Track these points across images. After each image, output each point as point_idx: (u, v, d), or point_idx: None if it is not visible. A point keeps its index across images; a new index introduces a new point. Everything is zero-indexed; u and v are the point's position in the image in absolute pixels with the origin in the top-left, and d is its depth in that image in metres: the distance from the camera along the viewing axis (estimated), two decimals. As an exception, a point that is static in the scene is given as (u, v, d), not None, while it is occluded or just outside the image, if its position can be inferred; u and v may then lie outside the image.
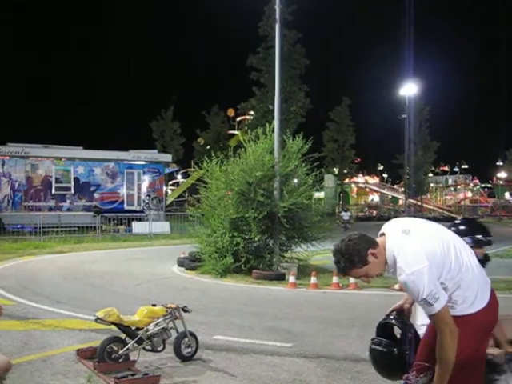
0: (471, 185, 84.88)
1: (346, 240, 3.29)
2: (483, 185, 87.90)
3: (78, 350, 6.30)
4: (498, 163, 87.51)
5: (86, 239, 25.83)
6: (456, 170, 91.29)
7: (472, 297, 3.14)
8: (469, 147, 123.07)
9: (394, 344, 3.60)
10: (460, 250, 3.22)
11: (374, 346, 3.73)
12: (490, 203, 77.76)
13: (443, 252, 3.15)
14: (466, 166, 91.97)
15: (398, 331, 3.73)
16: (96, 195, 31.54)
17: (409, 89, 44.52)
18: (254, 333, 7.90)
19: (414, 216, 39.80)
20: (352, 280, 12.35)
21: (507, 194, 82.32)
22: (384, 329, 3.77)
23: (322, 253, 16.37)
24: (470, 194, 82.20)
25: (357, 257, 3.22)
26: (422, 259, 3.07)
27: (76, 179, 31.03)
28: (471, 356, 3.17)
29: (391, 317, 3.74)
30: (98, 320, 5.96)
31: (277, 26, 16.56)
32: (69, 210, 30.59)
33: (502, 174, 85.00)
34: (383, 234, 3.33)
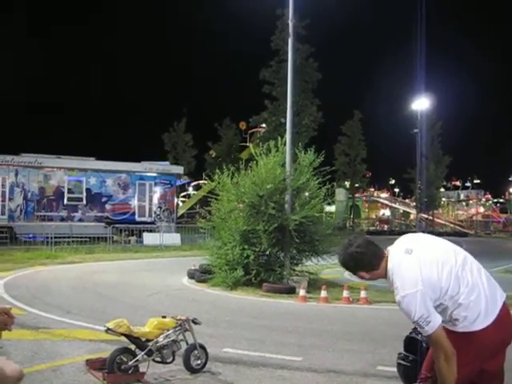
0: (483, 200, 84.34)
1: (356, 246, 3.46)
2: (495, 200, 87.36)
3: (88, 361, 6.30)
4: (510, 178, 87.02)
5: (97, 250, 25.90)
6: (468, 184, 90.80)
7: (474, 315, 3.13)
8: (481, 162, 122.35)
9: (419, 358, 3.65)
10: (462, 270, 3.22)
11: (399, 361, 3.82)
12: (503, 218, 77.30)
13: (441, 276, 3.19)
14: (478, 181, 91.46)
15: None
16: (108, 206, 31.68)
17: (421, 103, 44.55)
18: (264, 346, 7.89)
19: (425, 231, 39.67)
20: (363, 295, 12.32)
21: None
22: (410, 343, 3.83)
23: (332, 267, 16.31)
24: (482, 209, 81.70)
25: (364, 262, 3.46)
26: (417, 283, 3.14)
27: (88, 190, 31.19)
28: (472, 374, 3.17)
29: (417, 331, 3.78)
30: (108, 331, 5.97)
31: (290, 40, 16.64)
32: (80, 220, 30.74)
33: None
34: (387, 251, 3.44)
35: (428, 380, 3.33)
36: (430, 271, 3.18)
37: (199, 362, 6.45)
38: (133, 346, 6.14)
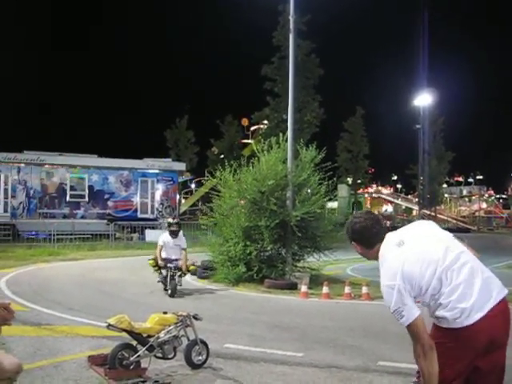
0: (486, 196, 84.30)
1: (353, 224, 3.59)
2: (498, 196, 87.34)
3: (90, 357, 6.31)
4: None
5: (100, 247, 25.96)
6: (471, 180, 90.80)
7: (455, 315, 3.11)
8: (484, 158, 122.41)
9: None
10: (448, 270, 3.20)
11: None
12: (505, 214, 77.22)
13: (423, 274, 3.20)
14: (481, 177, 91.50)
15: None
16: (110, 203, 31.71)
17: (423, 99, 44.46)
18: (265, 342, 7.90)
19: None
20: (364, 290, 12.33)
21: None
22: None
23: (334, 263, 16.35)
24: (484, 205, 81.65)
25: (349, 238, 3.65)
26: (396, 277, 3.18)
27: (90, 187, 31.23)
28: (466, 370, 3.17)
29: None
30: (109, 327, 5.98)
31: (291, 36, 16.63)
32: (83, 217, 30.77)
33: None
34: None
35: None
36: (413, 268, 3.20)
37: (200, 357, 6.47)
38: (134, 342, 6.15)
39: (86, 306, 10.71)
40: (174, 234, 12.57)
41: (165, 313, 6.45)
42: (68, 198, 30.56)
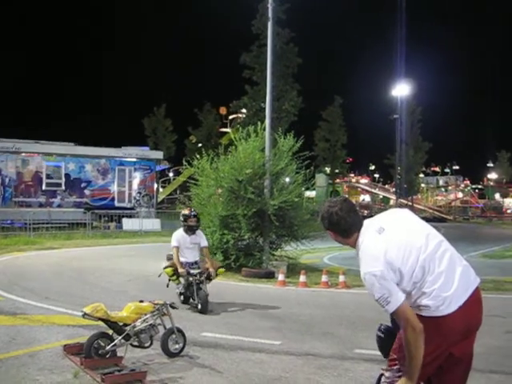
0: (462, 186, 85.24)
1: (329, 213, 3.46)
2: (474, 186, 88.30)
3: (65, 346, 6.28)
4: (488, 164, 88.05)
5: (77, 236, 25.78)
6: (447, 170, 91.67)
7: (438, 303, 3.12)
8: (460, 148, 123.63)
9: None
10: (431, 258, 3.20)
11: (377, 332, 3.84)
12: (481, 204, 78.15)
13: (405, 261, 3.17)
14: (457, 167, 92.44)
15: None
16: (87, 192, 31.44)
17: (401, 89, 44.64)
18: (242, 330, 7.91)
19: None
20: (341, 279, 12.41)
21: (497, 196, 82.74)
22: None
23: (311, 251, 16.41)
24: (460, 195, 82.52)
25: (323, 226, 3.53)
26: (379, 263, 3.14)
27: (67, 175, 30.91)
28: (441, 357, 3.20)
29: None
30: (85, 316, 5.94)
31: (269, 24, 16.55)
32: (59, 206, 30.47)
33: (493, 176, 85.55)
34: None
35: (393, 362, 3.35)
36: (396, 255, 3.16)
37: (177, 346, 6.47)
38: (110, 331, 6.12)
39: (62, 294, 10.63)
40: (191, 231, 9.82)
41: (141, 301, 6.42)
42: (44, 187, 30.22)
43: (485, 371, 5.69)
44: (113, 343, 5.96)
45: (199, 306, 9.10)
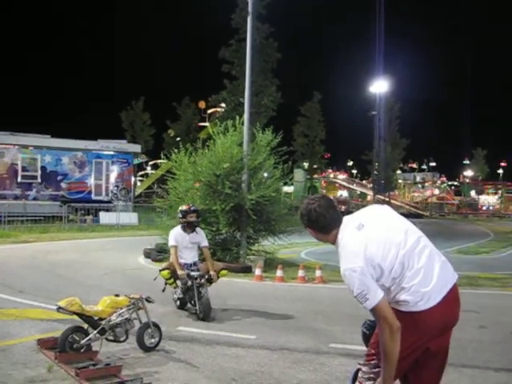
0: (438, 182, 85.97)
1: (308, 211, 3.48)
2: (450, 183, 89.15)
3: (39, 340, 6.23)
4: (464, 162, 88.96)
5: (52, 229, 25.56)
6: (424, 167, 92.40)
7: (417, 299, 3.15)
8: (437, 145, 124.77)
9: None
10: (410, 254, 3.23)
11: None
12: (457, 201, 78.96)
13: (385, 257, 3.19)
14: (434, 164, 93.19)
15: None
16: (63, 185, 31.13)
17: (379, 86, 44.90)
18: (218, 324, 7.92)
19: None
20: (318, 274, 12.46)
21: (473, 193, 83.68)
22: None
23: (289, 246, 16.45)
24: (437, 192, 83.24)
25: (302, 222, 3.55)
26: (358, 259, 3.15)
27: (43, 168, 30.57)
28: (417, 352, 3.23)
29: None
30: (59, 309, 5.89)
31: (249, 19, 16.50)
32: (35, 199, 30.12)
33: (469, 173, 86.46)
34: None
35: (371, 357, 3.38)
36: (375, 251, 3.18)
37: (153, 340, 6.45)
38: (85, 325, 6.08)
39: (36, 288, 10.54)
40: (190, 228, 8.90)
41: (117, 295, 6.39)
42: (19, 179, 29.83)
43: (457, 365, 5.75)
44: (88, 337, 5.93)
45: (201, 313, 8.16)
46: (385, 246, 3.21)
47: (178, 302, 8.89)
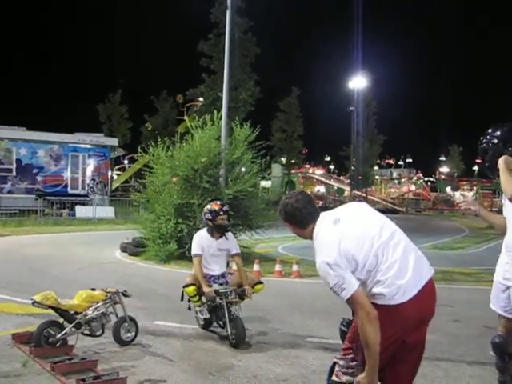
0: (415, 178, 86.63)
1: (285, 205, 3.58)
2: (426, 179, 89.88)
3: (14, 335, 6.18)
4: (440, 158, 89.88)
5: (28, 223, 25.29)
6: (401, 163, 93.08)
7: (392, 292, 3.18)
8: (413, 142, 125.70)
9: None
10: (385, 247, 3.27)
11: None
12: (432, 197, 79.66)
13: (359, 250, 3.23)
14: (411, 160, 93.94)
15: None
16: (39, 178, 30.79)
17: (358, 82, 45.10)
18: (195, 319, 7.89)
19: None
20: (295, 268, 12.50)
21: (448, 189, 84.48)
22: None
23: (266, 241, 16.47)
24: (413, 188, 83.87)
25: (282, 218, 3.61)
26: (333, 252, 3.20)
27: (18, 161, 30.18)
28: (395, 345, 3.26)
29: None
30: (34, 304, 5.84)
31: (228, 13, 16.49)
32: (10, 192, 29.73)
33: (445, 169, 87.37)
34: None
35: (348, 351, 3.40)
36: (350, 244, 3.23)
37: (129, 334, 6.42)
38: (61, 319, 6.04)
39: (11, 282, 10.44)
40: (219, 233, 7.41)
41: (93, 289, 6.35)
42: (-6, 172, 29.51)
43: (432, 359, 5.82)
44: (63, 332, 5.89)
45: (233, 339, 6.56)
46: (359, 239, 3.26)
47: (203, 322, 7.22)
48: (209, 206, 7.55)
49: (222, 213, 7.33)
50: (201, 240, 7.30)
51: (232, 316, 6.70)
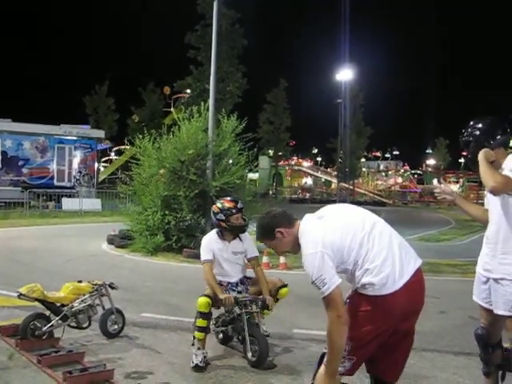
0: (402, 171, 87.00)
1: (266, 213, 3.68)
2: (413, 171, 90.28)
3: (0, 327, 6.14)
4: (427, 151, 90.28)
5: (13, 215, 25.14)
6: (388, 155, 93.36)
7: (382, 281, 3.19)
8: (400, 134, 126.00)
9: None
10: (369, 236, 3.30)
11: None
12: (419, 189, 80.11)
13: (344, 241, 3.27)
14: (397, 153, 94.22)
15: None
16: (25, 170, 30.64)
17: (345, 74, 45.11)
18: (183, 311, 7.89)
19: (346, 200, 40.64)
20: (282, 260, 12.52)
21: (435, 181, 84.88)
22: None
23: (253, 233, 16.45)
24: (400, 180, 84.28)
25: (266, 231, 3.58)
26: (318, 245, 3.22)
27: (4, 153, 30.02)
28: (383, 336, 3.28)
29: None
30: (20, 296, 5.81)
31: (215, 4, 16.42)
32: (-5, 184, 29.60)
33: (431, 162, 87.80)
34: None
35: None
36: (334, 236, 3.26)
37: (116, 326, 6.41)
38: (47, 312, 6.01)
39: (-3, 275, 10.37)
40: (233, 234, 6.38)
41: (79, 281, 6.33)
42: (-21, 164, 29.29)
43: (418, 349, 5.85)
44: (50, 324, 5.86)
45: (254, 356, 5.60)
46: (343, 231, 3.30)
47: (221, 335, 6.29)
48: (219, 205, 6.31)
49: (235, 211, 6.23)
50: (210, 244, 6.16)
51: (253, 329, 5.73)
